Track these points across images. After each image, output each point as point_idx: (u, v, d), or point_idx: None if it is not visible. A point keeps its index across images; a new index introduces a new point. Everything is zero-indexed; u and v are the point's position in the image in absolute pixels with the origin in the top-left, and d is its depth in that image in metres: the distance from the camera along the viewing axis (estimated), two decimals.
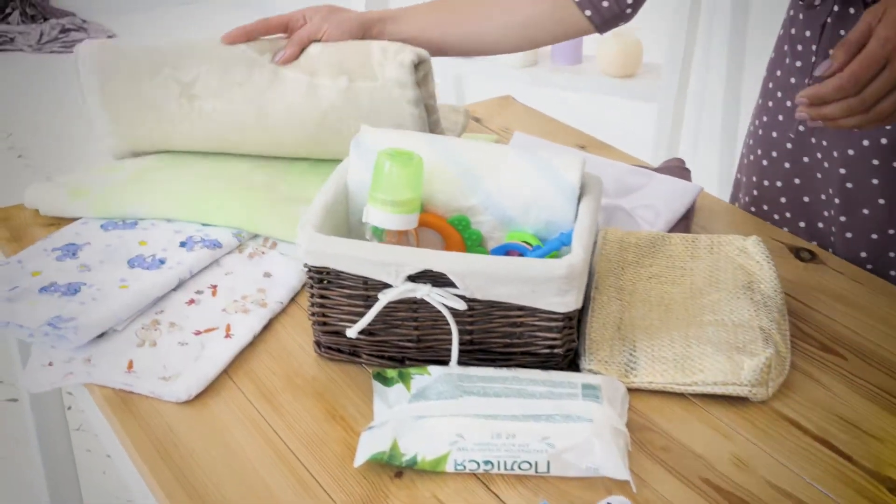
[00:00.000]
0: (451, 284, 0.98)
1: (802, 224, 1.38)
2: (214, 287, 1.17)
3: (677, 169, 1.37)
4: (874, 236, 1.28)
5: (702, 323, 1.08)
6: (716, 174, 2.50)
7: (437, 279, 0.98)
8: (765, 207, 1.42)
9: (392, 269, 0.98)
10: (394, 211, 1.02)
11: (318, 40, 1.30)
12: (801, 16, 1.33)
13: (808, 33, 1.30)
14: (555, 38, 1.31)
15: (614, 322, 1.09)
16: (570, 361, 1.04)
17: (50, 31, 4.71)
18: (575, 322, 1.02)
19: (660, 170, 1.37)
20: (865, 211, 1.28)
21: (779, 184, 1.39)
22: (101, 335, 1.07)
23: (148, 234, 1.25)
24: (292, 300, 1.17)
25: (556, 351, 1.01)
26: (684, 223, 1.28)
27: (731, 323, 1.08)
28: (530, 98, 2.07)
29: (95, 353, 1.05)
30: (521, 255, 1.06)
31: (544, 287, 0.96)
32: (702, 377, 1.01)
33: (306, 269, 1.02)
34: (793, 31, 1.34)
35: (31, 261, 1.19)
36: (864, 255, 1.29)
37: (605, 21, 1.30)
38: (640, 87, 2.18)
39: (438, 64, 2.38)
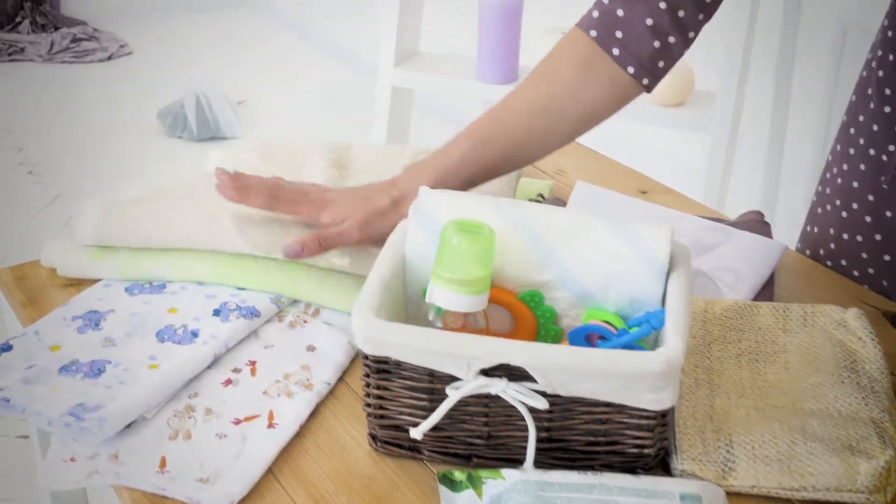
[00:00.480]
0: (530, 377, 0.86)
1: (885, 283, 1.26)
2: (253, 364, 1.05)
3: (756, 223, 1.25)
4: None
5: (804, 412, 0.96)
6: (778, 214, 2.39)
7: (514, 371, 0.86)
8: (843, 262, 1.29)
9: (463, 362, 0.86)
10: (461, 291, 0.90)
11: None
12: (891, 57, 1.20)
13: None
14: (612, 113, 1.19)
15: (705, 411, 0.97)
16: (660, 460, 0.92)
17: (61, 40, 4.60)
18: (669, 419, 0.90)
19: (737, 224, 1.25)
20: None
21: (859, 238, 1.27)
22: (129, 424, 0.95)
23: (178, 299, 1.13)
24: (340, 379, 1.05)
25: (646, 451, 0.89)
26: (769, 288, 1.16)
27: (837, 413, 0.96)
28: None
29: (123, 449, 0.93)
30: (603, 337, 0.93)
31: (637, 383, 0.84)
32: (812, 481, 0.89)
33: (362, 357, 0.90)
34: (881, 73, 1.22)
35: (49, 332, 1.08)
36: None
37: (658, 82, 1.18)
38: (692, 117, 2.05)
39: (466, 90, 2.27)
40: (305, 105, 4.22)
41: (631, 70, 1.12)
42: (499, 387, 0.86)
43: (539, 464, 0.90)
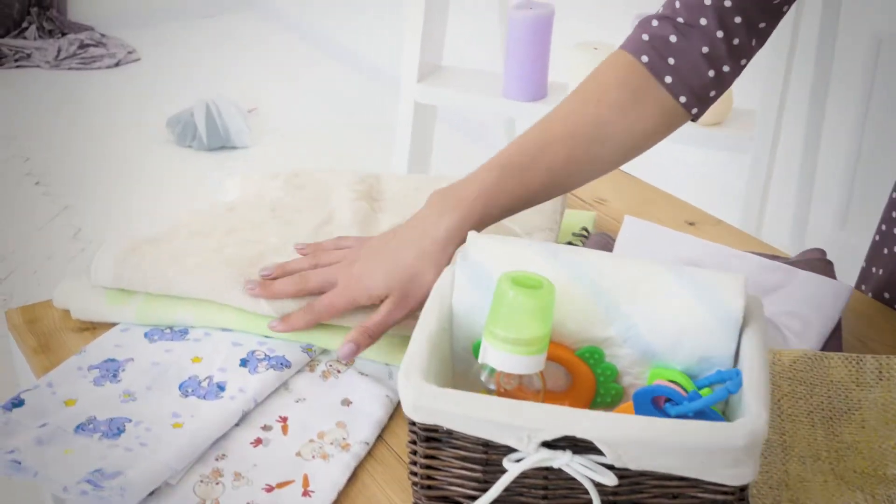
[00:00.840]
0: (597, 449, 0.77)
1: None
2: (284, 420, 0.97)
3: (819, 263, 1.17)
4: None
5: (888, 479, 0.88)
6: (808, 237, 2.31)
7: (580, 443, 0.78)
8: None
9: (524, 433, 0.77)
10: (517, 351, 0.82)
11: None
12: None
13: None
14: (657, 142, 1.11)
15: (780, 478, 0.89)
16: None
17: (68, 46, 4.52)
18: (747, 493, 0.82)
19: (797, 263, 1.16)
20: None
21: None
22: (153, 492, 0.87)
23: (201, 347, 1.05)
24: (379, 437, 0.97)
25: None
26: (837, 335, 1.08)
27: None
28: None
29: None
30: (671, 400, 0.85)
31: (715, 458, 0.76)
32: None
33: (409, 422, 0.82)
34: None
35: (63, 384, 1.00)
36: None
37: (705, 111, 1.10)
38: (730, 137, 1.96)
39: (492, 107, 2.18)
40: (317, 114, 4.14)
41: (682, 99, 1.05)
42: (563, 460, 0.78)
43: None
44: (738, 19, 1.03)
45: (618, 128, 1.05)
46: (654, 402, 0.86)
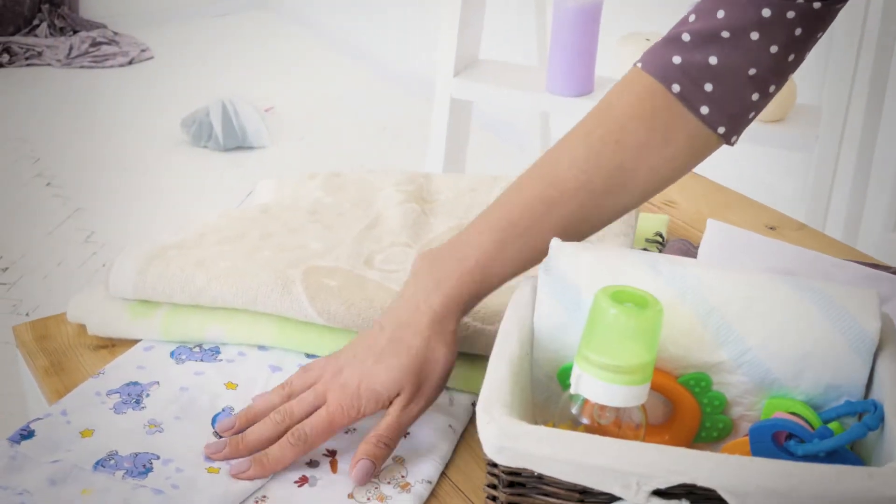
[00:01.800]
0: (719, 499, 0.65)
1: None
2: (333, 455, 0.84)
3: None
4: None
5: None
6: (860, 239, 2.17)
7: (697, 490, 0.65)
8: None
9: (632, 480, 0.65)
10: (617, 381, 0.70)
11: None
12: None
13: None
14: (681, 177, 0.92)
15: None
16: None
17: (80, 44, 4.40)
18: None
19: None
20: None
21: None
22: None
23: (235, 369, 0.93)
24: (442, 474, 0.84)
25: None
26: None
27: None
28: None
29: None
30: (793, 435, 0.72)
31: None
32: None
33: (488, 464, 0.70)
34: None
35: (79, 411, 0.87)
36: None
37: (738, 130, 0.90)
38: (793, 134, 1.82)
39: (534, 102, 2.03)
40: (336, 113, 4.02)
41: (721, 130, 0.86)
42: None
43: None
44: (798, 31, 0.84)
45: (640, 172, 0.86)
46: (775, 439, 0.73)
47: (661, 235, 1.12)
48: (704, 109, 0.85)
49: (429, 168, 2.13)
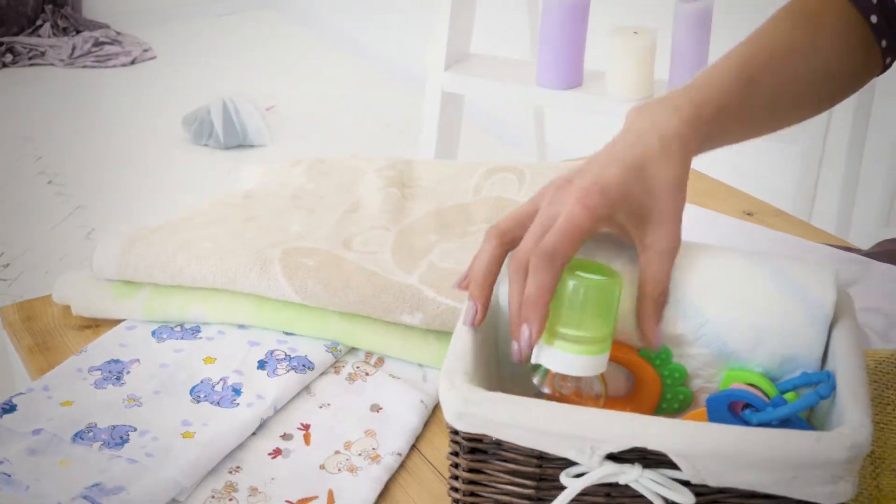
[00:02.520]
0: (670, 463, 0.67)
1: None
2: (307, 428, 0.86)
3: None
4: None
5: None
6: (852, 232, 2.19)
7: (651, 455, 0.67)
8: None
9: (586, 444, 0.67)
10: (577, 351, 0.71)
11: None
12: None
13: None
14: (852, 88, 0.92)
15: (870, 493, 0.78)
16: None
17: (83, 44, 4.43)
18: None
19: (875, 255, 1.05)
20: None
21: None
22: None
23: (215, 346, 0.95)
24: (413, 446, 0.86)
25: None
26: None
27: None
28: None
29: None
30: (750, 405, 0.74)
31: (811, 473, 0.65)
32: None
33: (450, 432, 0.72)
34: None
35: (61, 387, 0.89)
36: None
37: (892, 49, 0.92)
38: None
39: (525, 95, 2.04)
40: (336, 111, 4.04)
41: (883, 44, 0.90)
42: (631, 476, 0.67)
43: None
44: None
45: (835, 62, 0.88)
46: (731, 409, 0.75)
47: None
48: (874, 18, 0.89)
49: None
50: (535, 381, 0.74)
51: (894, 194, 2.45)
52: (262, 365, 0.91)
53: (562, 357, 0.72)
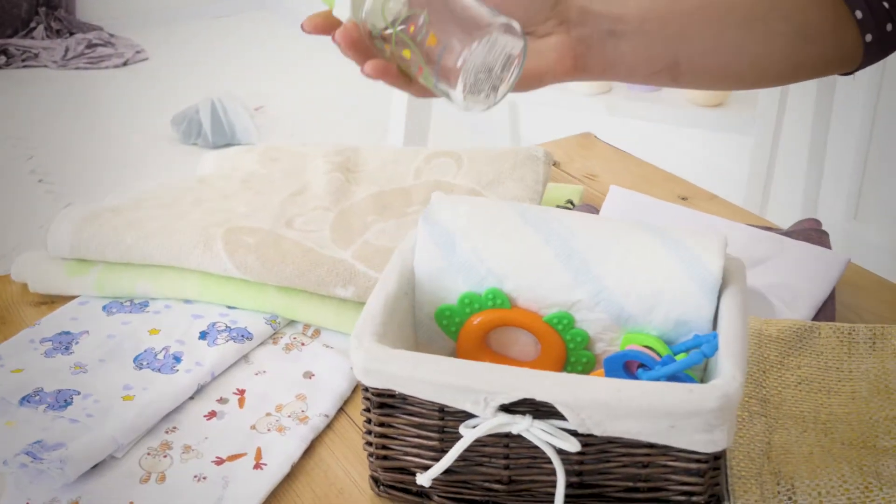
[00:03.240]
0: (559, 414, 0.72)
1: None
2: (242, 393, 0.92)
3: (813, 233, 1.11)
4: None
5: (877, 450, 0.83)
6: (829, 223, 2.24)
7: (541, 407, 0.73)
8: None
9: (480, 396, 0.72)
10: None
11: None
12: None
13: None
14: (824, 67, 0.91)
15: (762, 449, 0.83)
16: None
17: (76, 46, 4.50)
18: (722, 462, 0.77)
19: (792, 234, 1.11)
20: None
21: None
22: (96, 465, 0.83)
23: (161, 319, 1.00)
24: (341, 410, 0.92)
25: (695, 499, 0.76)
26: (830, 306, 1.02)
27: None
28: (605, 130, 1.82)
29: (86, 494, 0.80)
30: (644, 365, 0.80)
31: (687, 422, 0.71)
32: None
33: (363, 389, 0.77)
34: None
35: (13, 356, 0.95)
36: None
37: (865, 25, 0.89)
38: (732, 118, 1.90)
39: None
40: (325, 112, 4.10)
41: (868, 38, 0.88)
42: (522, 426, 0.73)
43: None
44: None
45: (805, 27, 0.86)
46: (627, 368, 0.81)
47: (571, 202, 1.19)
48: (858, 14, 0.87)
49: None
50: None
51: (861, 186, 2.51)
52: (203, 335, 0.97)
53: None
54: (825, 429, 0.86)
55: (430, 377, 0.73)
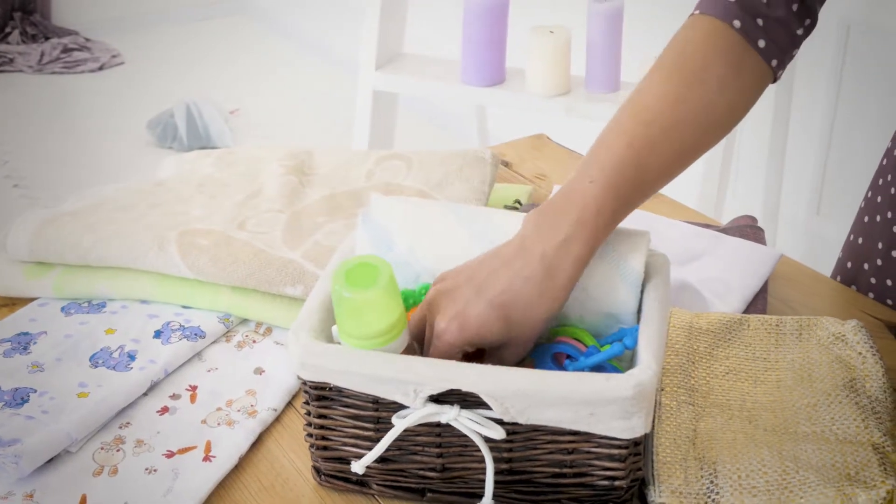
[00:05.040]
0: (485, 404, 0.76)
1: None
2: (194, 389, 0.96)
3: (749, 229, 1.15)
4: None
5: (797, 436, 0.87)
6: (781, 222, 2.29)
7: (468, 398, 0.77)
8: (889, 282, 1.15)
9: (409, 388, 0.76)
10: (374, 346, 0.79)
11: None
12: None
13: None
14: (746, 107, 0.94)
15: (687, 436, 0.87)
16: (635, 492, 0.82)
17: (51, 50, 4.52)
18: (642, 447, 0.81)
19: (728, 230, 1.15)
20: None
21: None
22: (51, 459, 0.86)
23: (117, 319, 1.04)
24: (289, 404, 0.95)
25: (617, 483, 0.80)
26: (762, 299, 1.06)
27: (834, 437, 0.86)
28: (562, 131, 1.86)
29: (40, 487, 0.84)
30: (571, 357, 0.84)
31: (605, 410, 0.75)
32: None
33: (301, 383, 0.81)
34: None
35: None
36: None
37: (783, 66, 0.96)
38: None
39: (451, 93, 2.15)
40: (300, 114, 4.13)
41: (774, 63, 0.92)
42: (449, 415, 0.77)
43: (500, 498, 0.81)
44: None
45: (721, 109, 0.90)
46: (555, 360, 0.85)
47: (519, 202, 1.23)
48: (762, 43, 0.91)
49: None
50: None
51: (823, 183, 2.55)
52: (158, 334, 1.01)
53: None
54: (750, 416, 0.90)
55: (362, 370, 0.77)
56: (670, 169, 0.88)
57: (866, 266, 1.17)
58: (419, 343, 0.84)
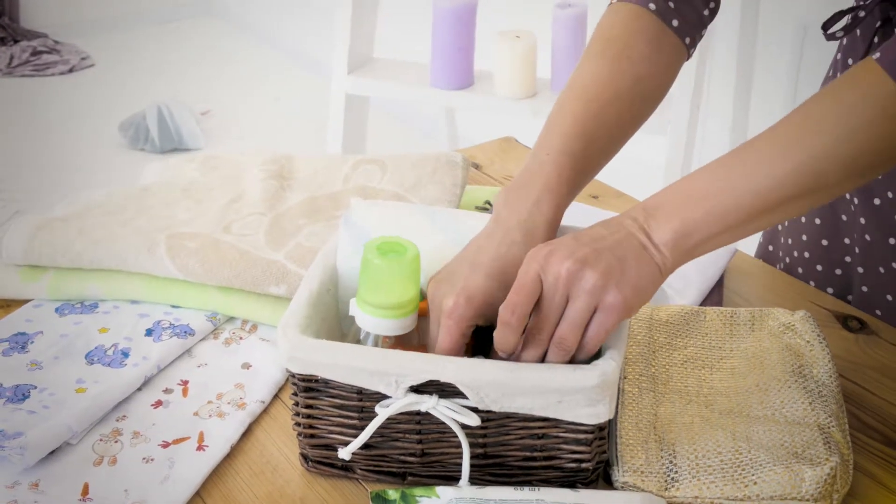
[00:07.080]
0: (461, 393, 0.83)
1: (831, 289, 1.24)
2: (185, 384, 1.01)
3: None
4: (889, 297, 1.16)
5: (749, 419, 0.94)
6: None
7: (445, 388, 0.83)
8: (800, 270, 1.26)
9: (391, 379, 0.83)
10: (388, 315, 0.87)
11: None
12: (850, 61, 1.18)
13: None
14: (670, 79, 1.05)
15: (648, 421, 0.94)
16: (600, 472, 0.89)
17: (20, 53, 4.54)
18: (606, 432, 0.87)
19: None
20: (881, 269, 1.16)
21: (804, 237, 1.25)
22: (53, 451, 0.92)
23: (110, 319, 1.10)
24: (276, 396, 1.01)
25: (584, 465, 0.86)
26: (718, 292, 1.13)
27: (783, 420, 0.93)
28: (530, 132, 1.92)
29: (45, 477, 0.90)
30: None
31: (571, 398, 0.82)
32: (756, 490, 0.86)
33: (290, 375, 0.87)
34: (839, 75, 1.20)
35: None
36: (878, 312, 1.18)
37: (695, 44, 1.07)
38: (650, 119, 2.01)
39: (421, 96, 2.23)
40: (272, 115, 4.18)
41: (687, 41, 1.03)
42: (429, 404, 0.83)
43: (475, 480, 0.87)
44: None
45: (649, 81, 1.01)
46: None
47: (489, 203, 1.30)
48: (675, 22, 1.02)
49: None
50: (361, 338, 0.90)
51: None
52: (149, 332, 1.06)
53: (374, 322, 0.87)
54: (706, 401, 0.97)
55: (347, 363, 0.83)
56: (615, 139, 0.98)
57: (786, 258, 1.29)
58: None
